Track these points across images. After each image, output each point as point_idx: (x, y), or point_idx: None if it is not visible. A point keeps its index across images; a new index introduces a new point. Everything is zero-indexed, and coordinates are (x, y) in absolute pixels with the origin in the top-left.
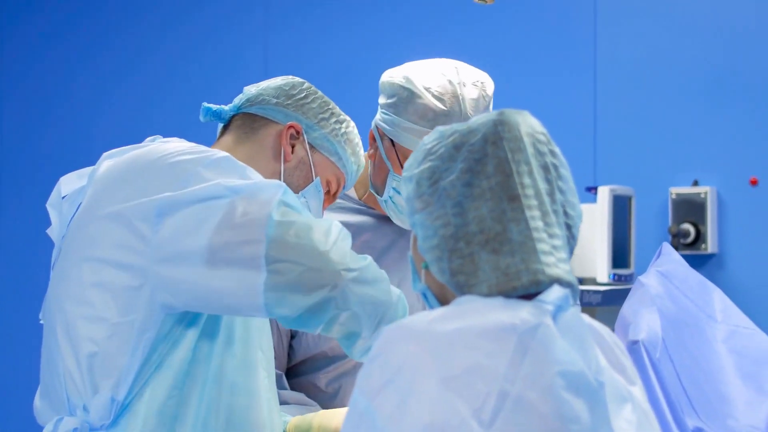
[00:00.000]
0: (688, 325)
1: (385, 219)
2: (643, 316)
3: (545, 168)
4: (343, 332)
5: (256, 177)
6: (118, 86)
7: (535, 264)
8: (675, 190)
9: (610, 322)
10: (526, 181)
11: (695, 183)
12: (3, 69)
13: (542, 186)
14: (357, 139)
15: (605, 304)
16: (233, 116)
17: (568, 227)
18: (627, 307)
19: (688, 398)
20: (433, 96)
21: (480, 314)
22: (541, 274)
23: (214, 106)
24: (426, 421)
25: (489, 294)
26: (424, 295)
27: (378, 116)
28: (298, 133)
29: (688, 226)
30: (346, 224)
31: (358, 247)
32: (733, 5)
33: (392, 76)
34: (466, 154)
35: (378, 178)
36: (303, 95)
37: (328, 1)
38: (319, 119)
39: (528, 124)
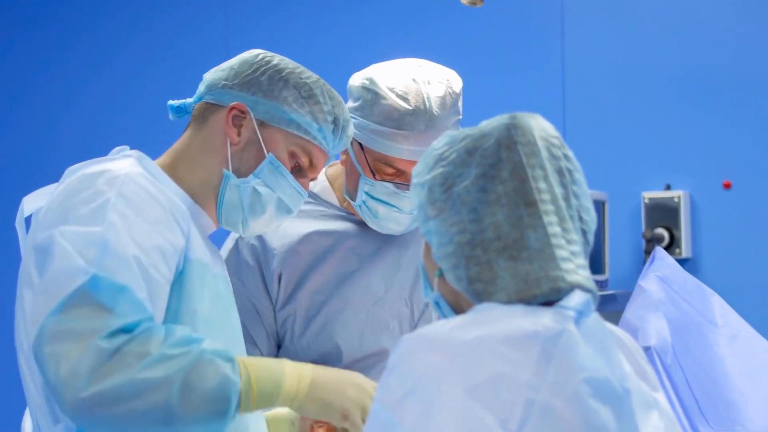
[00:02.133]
0: (690, 330)
1: (368, 225)
2: (650, 321)
3: (560, 172)
4: None
5: (113, 220)
6: (81, 91)
7: (555, 271)
8: (648, 195)
9: None
10: (542, 185)
11: (668, 187)
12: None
13: (558, 191)
14: (326, 95)
15: None
16: (194, 107)
17: (584, 233)
18: (631, 313)
19: (698, 405)
20: (397, 96)
21: (501, 321)
22: (561, 281)
23: (177, 102)
24: None
25: (509, 301)
26: (437, 304)
27: None
28: (243, 113)
29: (662, 231)
30: (328, 232)
31: (343, 254)
32: (704, 7)
33: (357, 78)
34: (479, 158)
35: (350, 183)
36: (251, 70)
37: (292, 4)
38: (267, 91)
39: (541, 127)
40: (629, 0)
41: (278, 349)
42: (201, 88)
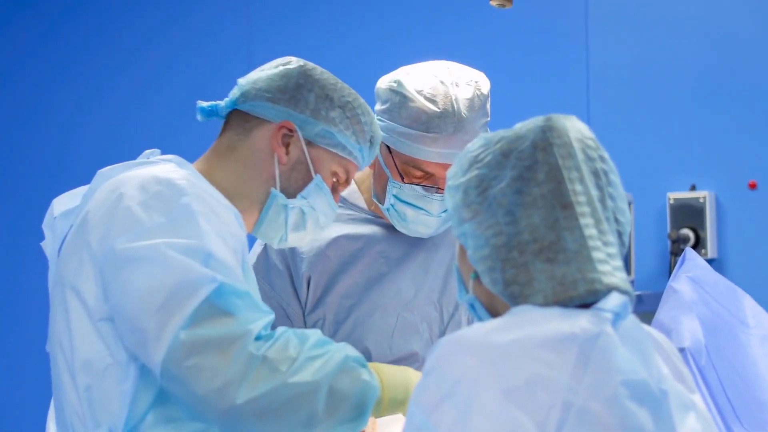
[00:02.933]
0: (722, 331)
1: (396, 228)
2: (683, 322)
3: (596, 174)
4: None
5: (206, 229)
6: (105, 94)
7: (592, 273)
8: (673, 196)
9: None
10: (578, 187)
11: (693, 188)
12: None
13: (594, 192)
14: (365, 116)
15: None
16: (230, 113)
17: (619, 234)
18: (663, 314)
19: (731, 406)
20: (426, 98)
21: (538, 324)
22: (599, 283)
23: (207, 104)
24: None
25: (545, 304)
26: (472, 306)
27: None
28: (291, 131)
29: (687, 232)
30: (357, 235)
31: (372, 258)
32: (729, 9)
33: (385, 81)
34: (515, 161)
35: (378, 187)
36: (295, 85)
37: (314, 7)
38: (315, 111)
39: (576, 129)
40: (653, 2)
41: None
42: (236, 93)
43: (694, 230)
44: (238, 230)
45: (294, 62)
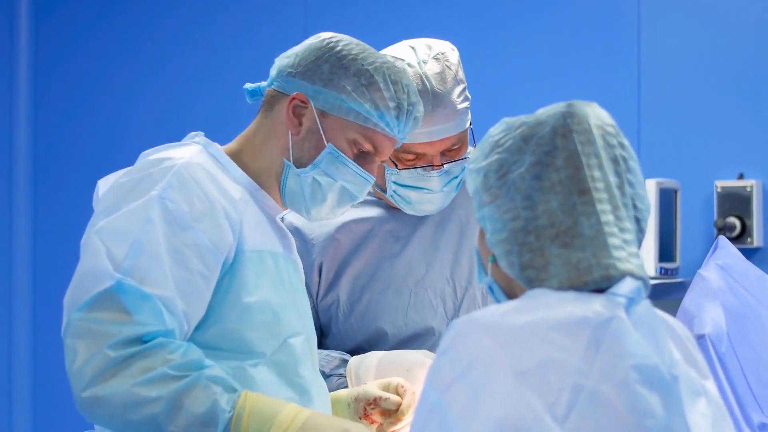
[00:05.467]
0: (749, 319)
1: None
2: (706, 309)
3: (615, 161)
4: None
5: (155, 217)
6: (160, 77)
7: (607, 259)
8: (720, 184)
9: None
10: (597, 174)
11: (740, 176)
12: (39, 68)
13: (612, 179)
14: (388, 81)
15: (652, 298)
16: (267, 92)
17: (637, 221)
18: (689, 301)
19: (752, 393)
20: None
21: (552, 307)
22: (613, 269)
23: (252, 86)
24: (499, 416)
25: (560, 288)
26: (490, 288)
27: None
28: (304, 102)
29: (733, 220)
30: (365, 219)
31: (382, 238)
32: None
33: None
34: (534, 146)
35: (378, 177)
36: (314, 57)
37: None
38: (327, 80)
39: (597, 116)
40: None
41: (322, 336)
42: (272, 72)
43: (741, 219)
44: (215, 227)
45: (323, 36)
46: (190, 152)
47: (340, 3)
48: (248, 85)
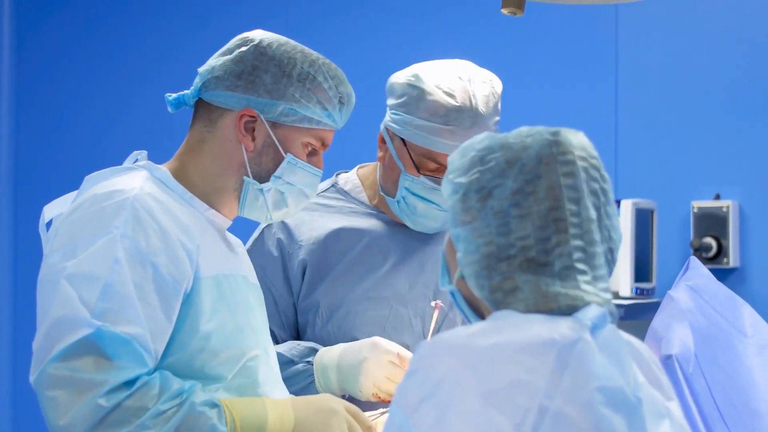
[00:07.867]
0: (718, 340)
1: (397, 224)
2: (674, 330)
3: (595, 194)
4: None
5: (121, 257)
6: (136, 87)
7: (575, 291)
8: (697, 204)
9: (633, 335)
10: (575, 208)
11: (717, 197)
12: (21, 75)
13: (591, 213)
14: (328, 81)
15: (628, 318)
16: (196, 102)
17: (611, 251)
18: (658, 322)
19: (720, 414)
20: (444, 92)
21: (519, 329)
22: (580, 300)
23: (173, 96)
24: None
25: (526, 311)
26: (452, 295)
27: (387, 118)
28: (253, 117)
29: (710, 240)
30: (356, 229)
31: (370, 251)
32: (756, 17)
33: (401, 76)
34: (518, 171)
35: (388, 180)
36: (251, 68)
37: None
38: (274, 91)
39: (582, 146)
40: (682, 11)
41: (299, 338)
42: (197, 82)
43: (717, 239)
44: (171, 261)
45: (250, 42)
46: (139, 181)
47: (320, 13)
48: (170, 95)
